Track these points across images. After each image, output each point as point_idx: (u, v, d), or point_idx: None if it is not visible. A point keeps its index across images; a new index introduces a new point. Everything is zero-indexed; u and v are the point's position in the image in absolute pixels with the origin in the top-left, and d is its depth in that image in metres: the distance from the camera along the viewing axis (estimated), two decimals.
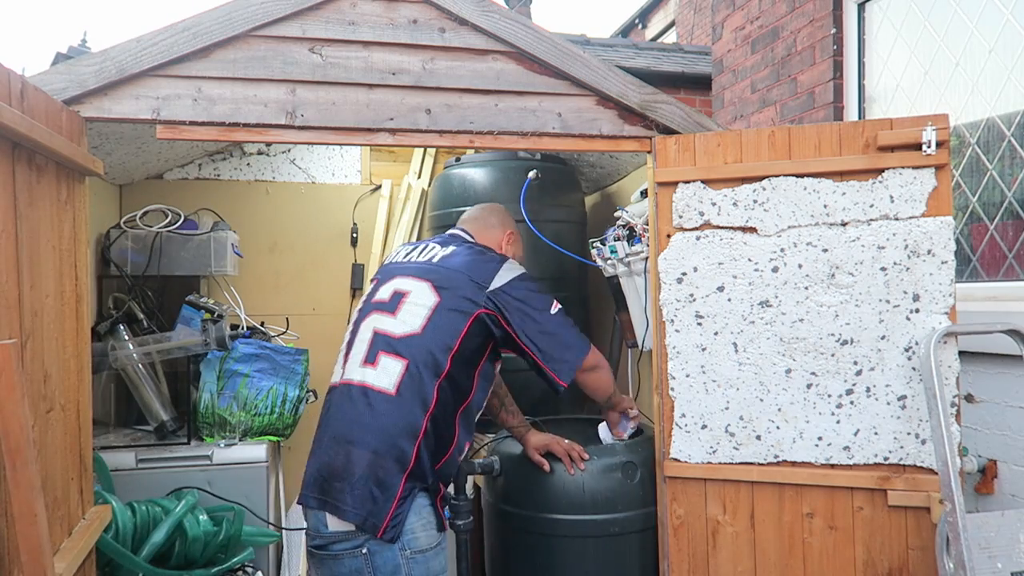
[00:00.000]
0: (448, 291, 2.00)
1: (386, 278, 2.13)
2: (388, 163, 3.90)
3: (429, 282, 2.03)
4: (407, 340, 1.95)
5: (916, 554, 2.14)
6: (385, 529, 1.82)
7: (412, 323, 1.97)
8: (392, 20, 2.18)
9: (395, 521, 1.83)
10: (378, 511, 1.82)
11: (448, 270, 2.05)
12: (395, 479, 1.84)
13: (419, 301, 2.00)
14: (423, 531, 1.90)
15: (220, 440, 2.78)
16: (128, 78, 2.01)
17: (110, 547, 2.11)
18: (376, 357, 1.95)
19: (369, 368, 1.94)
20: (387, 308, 2.03)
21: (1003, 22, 2.86)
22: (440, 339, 1.95)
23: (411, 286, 2.04)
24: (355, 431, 1.88)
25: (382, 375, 1.92)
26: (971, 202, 2.97)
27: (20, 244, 1.55)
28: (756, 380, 2.26)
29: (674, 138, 2.35)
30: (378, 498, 1.83)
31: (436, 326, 1.96)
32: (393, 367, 1.92)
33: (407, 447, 1.87)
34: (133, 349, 2.80)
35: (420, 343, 1.94)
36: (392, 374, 1.91)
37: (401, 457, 1.86)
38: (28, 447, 1.40)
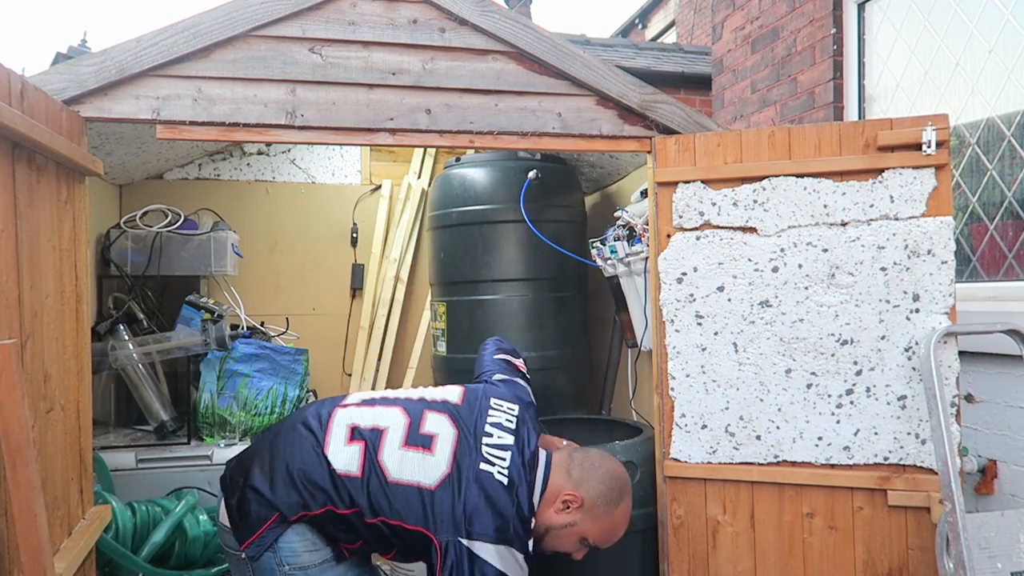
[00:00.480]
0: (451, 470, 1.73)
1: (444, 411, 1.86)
2: (388, 163, 3.90)
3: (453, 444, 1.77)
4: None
5: (916, 554, 2.14)
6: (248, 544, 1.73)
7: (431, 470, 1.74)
8: (392, 20, 2.18)
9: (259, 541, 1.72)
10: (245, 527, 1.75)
11: (464, 465, 1.74)
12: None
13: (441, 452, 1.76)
14: (306, 552, 1.74)
15: (220, 440, 2.78)
16: (128, 78, 2.01)
17: (110, 547, 2.11)
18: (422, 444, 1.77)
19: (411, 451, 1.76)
20: (420, 442, 1.78)
21: (1003, 22, 2.86)
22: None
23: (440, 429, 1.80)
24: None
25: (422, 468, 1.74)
26: (971, 202, 2.97)
27: (20, 244, 1.55)
28: (756, 380, 2.26)
29: (674, 138, 2.35)
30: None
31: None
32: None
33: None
34: (133, 349, 2.80)
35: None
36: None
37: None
38: (28, 447, 1.40)
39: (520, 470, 1.77)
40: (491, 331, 2.89)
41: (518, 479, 1.75)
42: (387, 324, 3.73)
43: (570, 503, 1.81)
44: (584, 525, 1.83)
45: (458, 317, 3.09)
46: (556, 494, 1.81)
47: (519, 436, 1.83)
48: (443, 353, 3.15)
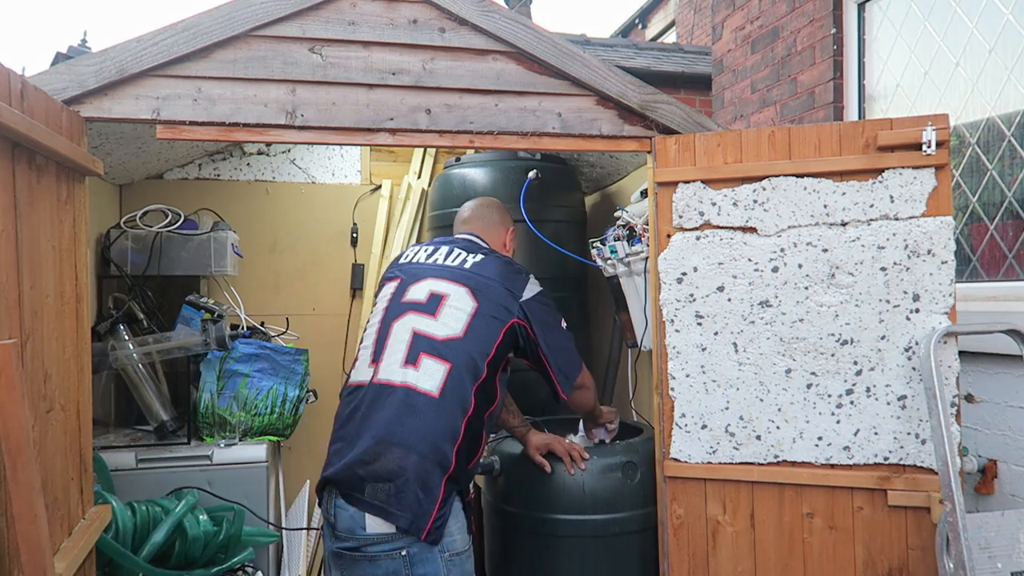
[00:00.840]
0: (485, 298, 2.02)
1: (413, 278, 2.10)
2: (388, 163, 3.90)
3: (467, 287, 2.04)
4: (450, 343, 1.94)
5: (916, 554, 2.14)
6: (429, 531, 1.81)
7: (454, 327, 1.97)
8: (392, 20, 2.18)
9: (438, 523, 1.83)
10: (423, 513, 1.81)
11: (483, 278, 2.07)
12: (437, 482, 1.84)
13: (459, 305, 2.00)
14: (459, 534, 1.90)
15: (220, 440, 2.78)
16: (128, 78, 2.01)
17: (110, 547, 2.11)
18: (418, 358, 1.93)
19: (411, 369, 1.92)
20: (426, 309, 2.01)
21: (1003, 22, 2.86)
22: (479, 345, 1.96)
23: (449, 289, 2.04)
24: (400, 432, 1.85)
25: (424, 377, 1.90)
26: (971, 202, 2.97)
27: (20, 244, 1.55)
28: (756, 380, 2.26)
29: (674, 138, 2.35)
30: (423, 500, 1.81)
31: (476, 331, 1.97)
32: (436, 370, 1.91)
33: (448, 450, 1.87)
34: (133, 349, 2.80)
35: (462, 347, 1.94)
36: (436, 377, 1.90)
37: (443, 460, 1.86)
38: (28, 447, 1.40)
39: (484, 255, 2.18)
40: None
41: (491, 258, 2.18)
42: None
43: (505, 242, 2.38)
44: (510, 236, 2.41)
45: None
46: (501, 242, 2.36)
47: (470, 247, 2.21)
48: None
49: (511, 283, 2.08)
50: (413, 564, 1.81)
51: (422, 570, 1.82)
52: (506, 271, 2.11)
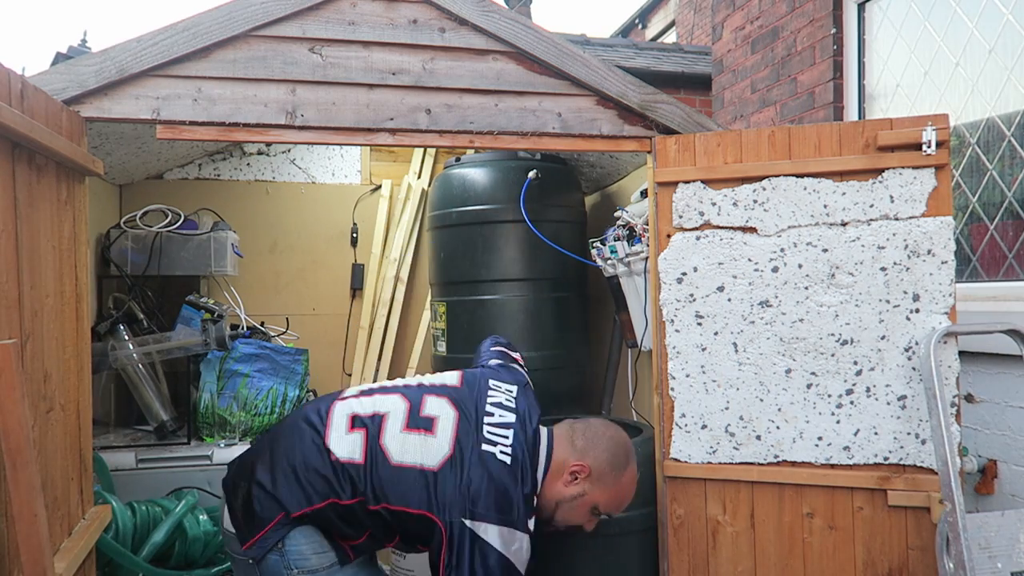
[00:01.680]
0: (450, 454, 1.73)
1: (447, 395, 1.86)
2: (388, 163, 3.90)
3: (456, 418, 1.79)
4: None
5: (916, 554, 2.14)
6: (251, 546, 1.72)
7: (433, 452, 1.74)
8: (392, 20, 2.18)
9: (262, 543, 1.71)
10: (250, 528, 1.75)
11: (464, 447, 1.74)
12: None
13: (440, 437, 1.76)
14: (315, 555, 1.73)
15: (220, 440, 2.78)
16: (128, 78, 2.01)
17: (110, 547, 2.11)
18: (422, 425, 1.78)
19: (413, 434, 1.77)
20: (421, 425, 1.79)
21: (1003, 22, 2.86)
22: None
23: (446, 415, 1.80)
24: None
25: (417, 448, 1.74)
26: (971, 202, 2.97)
27: (20, 244, 1.55)
28: (756, 380, 2.26)
29: (674, 138, 2.35)
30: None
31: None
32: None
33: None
34: (133, 349, 2.80)
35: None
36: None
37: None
38: (28, 447, 1.40)
39: (523, 447, 1.77)
40: (491, 331, 2.89)
41: (521, 456, 1.75)
42: (387, 324, 3.73)
43: (578, 474, 1.81)
44: (594, 494, 1.83)
45: (458, 317, 3.09)
46: (562, 467, 1.81)
47: (519, 413, 1.84)
48: (443, 353, 3.15)
49: (456, 493, 1.68)
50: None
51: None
52: (491, 483, 1.69)
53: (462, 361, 3.00)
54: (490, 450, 1.74)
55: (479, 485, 1.68)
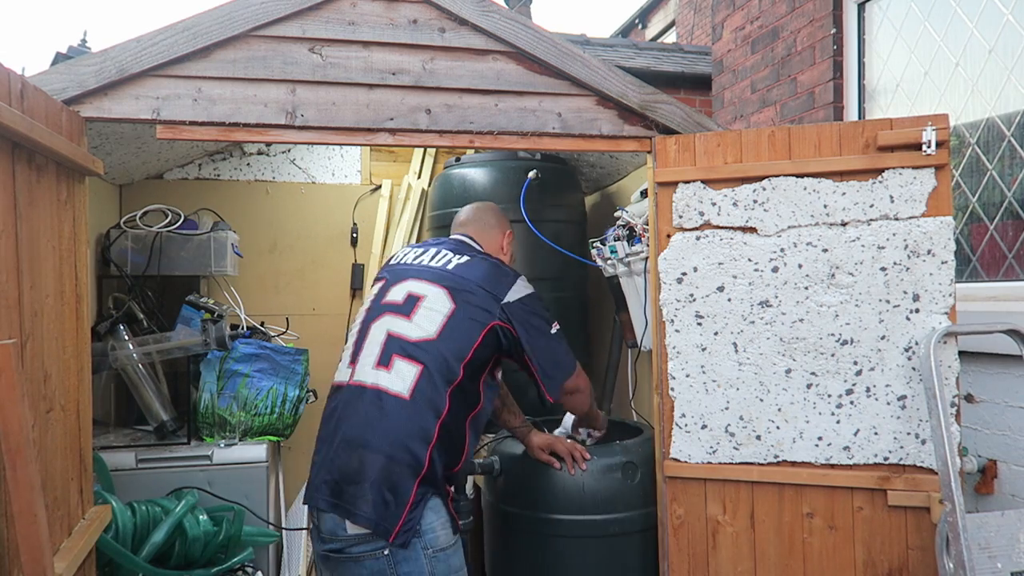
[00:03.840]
0: (464, 300, 1.99)
1: (396, 279, 2.10)
2: (388, 163, 3.90)
3: (445, 288, 2.01)
4: (422, 345, 1.93)
5: (916, 554, 2.14)
6: (397, 534, 1.80)
7: (427, 328, 1.95)
8: (392, 20, 2.18)
9: (407, 526, 1.81)
10: (390, 516, 1.80)
11: (464, 279, 2.03)
12: (408, 484, 1.83)
13: (435, 307, 1.98)
14: (443, 529, 1.89)
15: (220, 440, 2.78)
16: (128, 78, 2.01)
17: (110, 547, 2.11)
18: (390, 360, 1.93)
19: (383, 371, 1.92)
20: (401, 311, 2.00)
21: (1003, 22, 2.86)
22: (454, 347, 1.94)
23: (426, 290, 2.02)
24: (368, 434, 1.86)
25: (396, 379, 1.90)
26: (971, 202, 2.97)
27: (20, 244, 1.55)
28: (756, 380, 2.26)
29: (674, 138, 2.35)
30: (390, 503, 1.81)
31: (451, 333, 1.95)
32: (408, 371, 1.90)
33: (420, 452, 1.85)
34: (133, 349, 2.80)
35: (435, 349, 1.93)
36: (407, 378, 1.89)
37: (414, 462, 1.85)
38: (28, 447, 1.40)
39: (470, 250, 2.18)
40: None
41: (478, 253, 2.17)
42: None
43: (507, 244, 2.35)
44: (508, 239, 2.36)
45: None
46: (498, 246, 2.32)
47: (446, 251, 2.16)
48: None
49: (493, 285, 2.03)
50: (397, 563, 1.81)
51: (406, 568, 1.81)
52: (490, 273, 2.07)
53: None
54: (458, 262, 2.09)
55: (482, 279, 2.04)
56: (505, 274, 2.10)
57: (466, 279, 2.04)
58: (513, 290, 2.05)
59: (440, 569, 1.86)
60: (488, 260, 2.14)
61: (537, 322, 2.06)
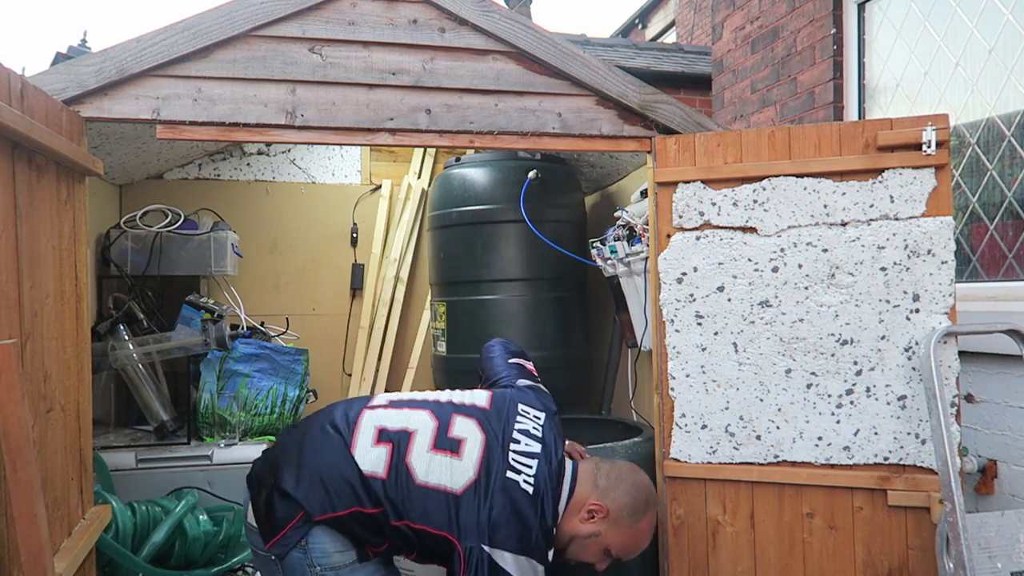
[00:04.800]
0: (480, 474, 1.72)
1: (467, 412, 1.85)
2: (388, 163, 3.90)
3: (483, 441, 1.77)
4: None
5: (916, 554, 2.14)
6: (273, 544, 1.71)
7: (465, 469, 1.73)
8: (392, 20, 2.18)
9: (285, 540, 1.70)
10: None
11: (489, 471, 1.72)
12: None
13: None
14: (337, 553, 1.73)
15: (220, 440, 2.78)
16: (128, 78, 2.01)
17: (110, 547, 2.11)
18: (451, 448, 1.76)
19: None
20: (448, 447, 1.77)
21: (1003, 22, 2.86)
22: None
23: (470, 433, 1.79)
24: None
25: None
26: (971, 202, 2.97)
27: (20, 244, 1.55)
28: (756, 380, 2.26)
29: (674, 138, 2.35)
30: None
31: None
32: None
33: None
34: (133, 349, 2.80)
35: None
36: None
37: None
38: (28, 447, 1.40)
39: (547, 479, 1.75)
40: (491, 331, 2.89)
41: (544, 488, 1.74)
42: (387, 324, 3.74)
43: (595, 512, 1.80)
44: (608, 536, 1.82)
45: (458, 317, 3.09)
46: (581, 503, 1.80)
47: (546, 444, 1.82)
48: (443, 353, 3.15)
49: (477, 524, 1.67)
50: (284, 570, 1.73)
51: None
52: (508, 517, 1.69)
53: (462, 361, 3.01)
54: (514, 478, 1.72)
55: (500, 512, 1.68)
56: (521, 536, 1.68)
57: (492, 473, 1.72)
58: (499, 552, 1.65)
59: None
60: (530, 496, 1.72)
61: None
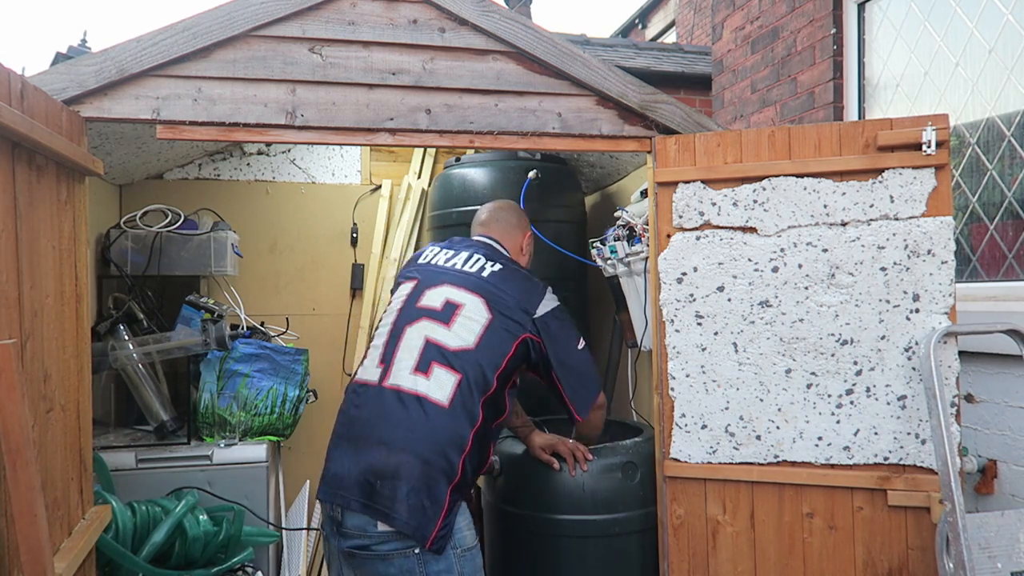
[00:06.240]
0: (499, 310, 2.02)
1: (430, 282, 2.11)
2: (388, 163, 3.90)
3: (482, 298, 2.04)
4: (461, 354, 1.95)
5: (916, 554, 2.14)
6: (434, 540, 1.82)
7: (467, 338, 1.97)
8: (392, 20, 2.18)
9: (443, 531, 1.84)
10: (427, 522, 1.82)
11: (500, 290, 2.06)
12: (443, 491, 1.85)
13: (473, 316, 2.00)
14: (468, 530, 1.93)
15: (220, 440, 2.78)
16: (128, 78, 2.01)
17: (110, 547, 2.11)
18: (429, 367, 1.94)
19: (421, 377, 1.93)
20: (440, 318, 2.01)
21: (1003, 22, 2.86)
22: (491, 357, 1.97)
23: (465, 299, 2.04)
24: (408, 439, 1.87)
25: (435, 386, 1.91)
26: (971, 202, 2.97)
27: (20, 244, 1.55)
28: (756, 380, 2.26)
29: (674, 138, 2.35)
30: (427, 509, 1.83)
31: (488, 344, 1.98)
32: (447, 380, 1.92)
33: (455, 460, 1.87)
34: (133, 349, 2.80)
35: (473, 359, 1.95)
36: (446, 387, 1.91)
37: (449, 470, 1.87)
38: (28, 447, 1.40)
39: (497, 258, 2.20)
40: None
41: (502, 261, 2.19)
42: None
43: (524, 247, 2.38)
44: (528, 244, 2.41)
45: None
46: (517, 249, 2.35)
47: (479, 256, 2.19)
48: None
49: (526, 297, 2.07)
50: (426, 562, 1.83)
51: (436, 567, 1.83)
52: (523, 287, 2.10)
53: None
54: (492, 270, 2.12)
55: (516, 291, 2.07)
56: (536, 286, 2.14)
57: (501, 289, 2.07)
58: (544, 303, 2.09)
59: (468, 568, 1.89)
60: (519, 271, 2.18)
61: (565, 337, 2.09)
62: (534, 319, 2.04)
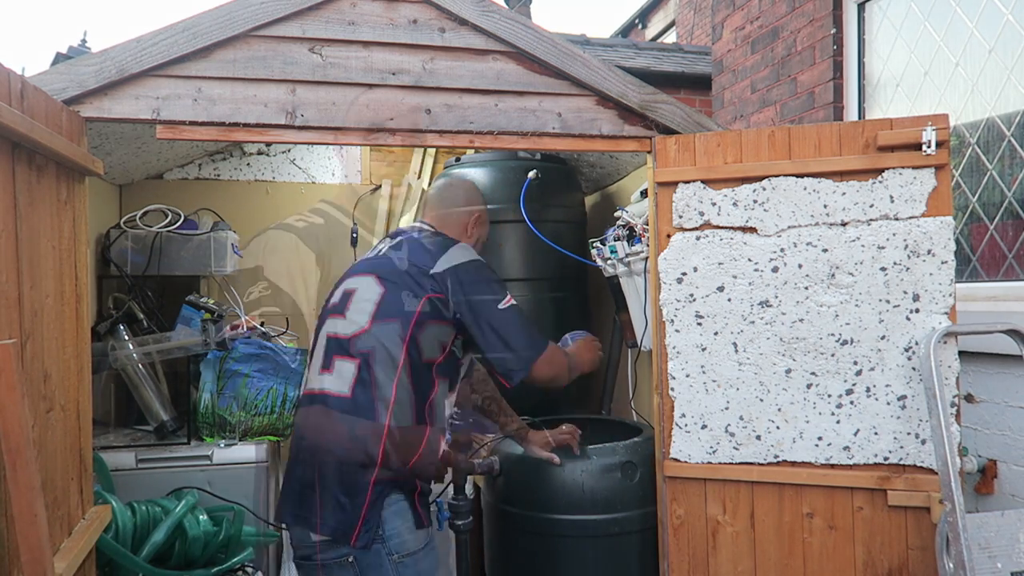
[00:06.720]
0: (392, 280, 1.92)
1: (340, 281, 2.07)
2: (388, 163, 3.90)
3: (374, 275, 1.96)
4: (357, 339, 1.87)
5: (916, 554, 2.14)
6: (357, 536, 1.77)
7: (359, 320, 1.90)
8: (392, 20, 2.18)
9: (367, 526, 1.78)
10: (347, 519, 1.78)
11: (390, 260, 1.98)
12: (363, 483, 1.79)
13: (365, 296, 1.93)
14: (409, 533, 1.84)
15: (220, 440, 2.78)
16: (128, 78, 2.01)
17: (110, 547, 2.11)
18: (331, 362, 1.90)
19: (327, 374, 1.89)
20: (338, 310, 1.97)
21: (1003, 22, 2.86)
22: (391, 329, 1.86)
23: (358, 283, 1.97)
24: (319, 440, 1.85)
25: (337, 380, 1.87)
26: (971, 202, 2.97)
27: (20, 244, 1.55)
28: (756, 380, 2.26)
29: (674, 138, 2.35)
30: (346, 505, 1.78)
31: (385, 316, 1.87)
32: (347, 369, 1.86)
33: (373, 449, 1.80)
34: (133, 349, 2.80)
35: (371, 339, 1.86)
36: (346, 376, 1.85)
37: (367, 460, 1.80)
38: (28, 447, 1.40)
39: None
40: None
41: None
42: None
43: (473, 226, 2.19)
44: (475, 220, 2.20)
45: None
46: (458, 228, 2.15)
47: (385, 239, 2.13)
48: None
49: (421, 258, 1.93)
50: (362, 570, 1.79)
51: (370, 573, 1.79)
52: (420, 247, 1.98)
53: None
54: (390, 245, 2.06)
55: (409, 254, 1.96)
56: (439, 243, 1.99)
57: (392, 259, 1.98)
58: (446, 258, 1.93)
59: (408, 575, 1.82)
60: (421, 233, 2.05)
61: (480, 293, 1.91)
62: (432, 274, 1.90)
